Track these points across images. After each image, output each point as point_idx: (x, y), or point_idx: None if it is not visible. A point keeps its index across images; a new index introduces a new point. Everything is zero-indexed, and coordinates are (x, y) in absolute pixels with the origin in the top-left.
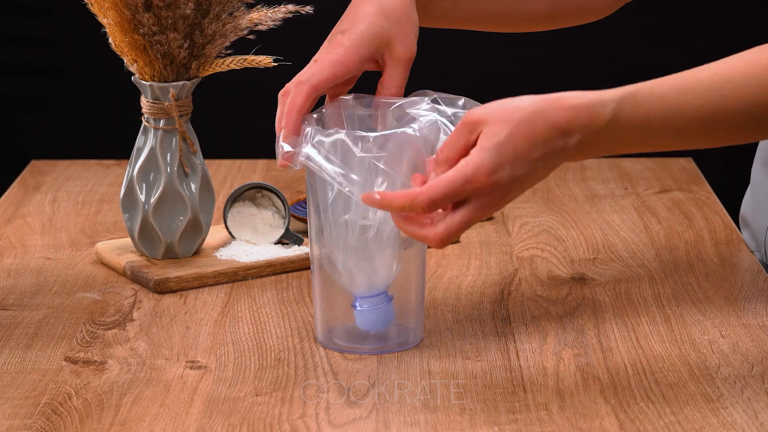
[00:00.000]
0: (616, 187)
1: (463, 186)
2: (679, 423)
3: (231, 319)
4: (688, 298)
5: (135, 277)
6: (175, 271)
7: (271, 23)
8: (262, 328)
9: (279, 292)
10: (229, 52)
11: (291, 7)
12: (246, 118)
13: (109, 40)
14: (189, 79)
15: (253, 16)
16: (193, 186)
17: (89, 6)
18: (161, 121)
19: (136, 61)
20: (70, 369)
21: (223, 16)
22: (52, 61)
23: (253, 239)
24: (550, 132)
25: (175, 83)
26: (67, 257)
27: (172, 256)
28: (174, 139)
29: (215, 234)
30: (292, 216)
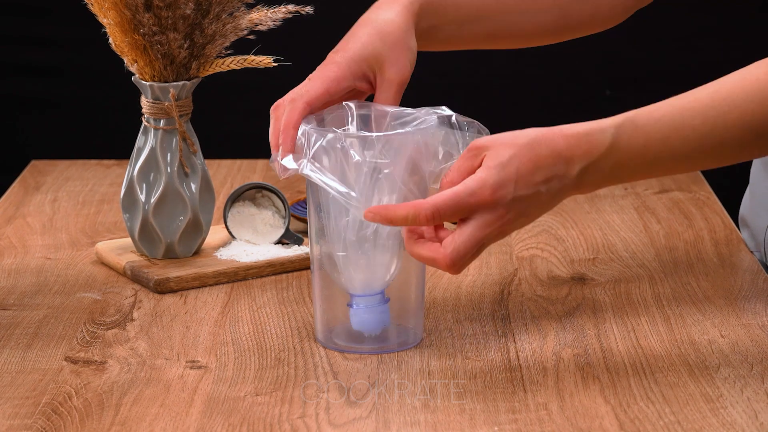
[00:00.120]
0: (616, 187)
1: (468, 198)
2: (678, 423)
3: (231, 319)
4: (688, 298)
5: (135, 277)
6: (175, 271)
7: (271, 23)
8: (262, 328)
9: (279, 292)
10: (229, 52)
11: (291, 7)
12: (246, 118)
13: (110, 40)
14: (189, 79)
15: (253, 16)
16: (193, 186)
17: (89, 6)
18: (161, 121)
19: (137, 61)
20: (70, 369)
21: (223, 17)
22: (52, 61)
23: (253, 239)
24: (551, 158)
25: (175, 83)
26: (67, 257)
27: (172, 256)
28: (174, 139)
29: (215, 234)
30: (292, 216)
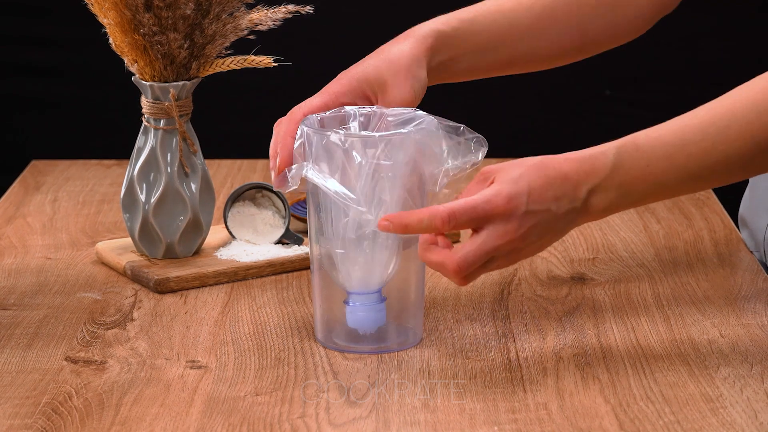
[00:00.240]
0: None
1: (483, 205)
2: (678, 422)
3: (231, 318)
4: (688, 297)
5: (135, 276)
6: (175, 271)
7: (271, 23)
8: (262, 328)
9: (279, 292)
10: (229, 52)
11: (291, 7)
12: (246, 118)
13: (110, 41)
14: (189, 79)
15: (253, 16)
16: (193, 186)
17: (89, 6)
18: (161, 121)
19: (137, 62)
20: (70, 369)
21: (223, 17)
22: (52, 61)
23: (253, 239)
24: (559, 178)
25: (175, 83)
26: (67, 257)
27: (172, 255)
28: (174, 139)
29: (215, 234)
30: (292, 216)
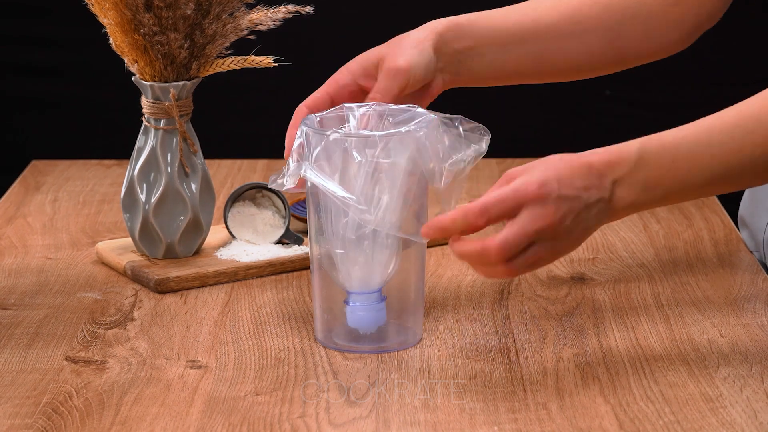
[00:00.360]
0: None
1: (514, 194)
2: (678, 422)
3: (231, 318)
4: (687, 297)
5: (135, 276)
6: (175, 271)
7: (271, 23)
8: (262, 328)
9: (279, 292)
10: (229, 52)
11: (291, 7)
12: (246, 118)
13: (110, 41)
14: (189, 80)
15: (254, 16)
16: (193, 186)
17: (90, 6)
18: (162, 121)
19: (137, 62)
20: (70, 368)
21: (223, 17)
22: (52, 61)
23: (253, 239)
24: (585, 168)
25: (175, 83)
26: (67, 257)
27: (172, 255)
28: (174, 139)
29: (215, 234)
30: (292, 216)
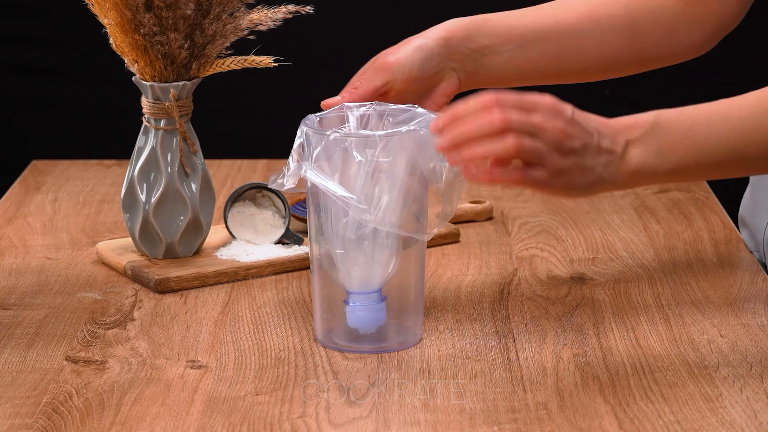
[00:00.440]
0: None
1: (531, 96)
2: (678, 422)
3: (231, 318)
4: (687, 297)
5: (136, 276)
6: (175, 271)
7: (272, 23)
8: (262, 328)
9: (279, 291)
10: (229, 52)
11: (291, 7)
12: (246, 118)
13: (110, 41)
14: (189, 80)
15: (254, 16)
16: (193, 186)
17: (90, 6)
18: (162, 121)
19: (137, 62)
20: (71, 368)
21: (223, 17)
22: (52, 61)
23: (253, 239)
24: (602, 120)
25: (175, 83)
26: (67, 257)
27: (172, 255)
28: (174, 139)
29: (216, 234)
30: (292, 216)
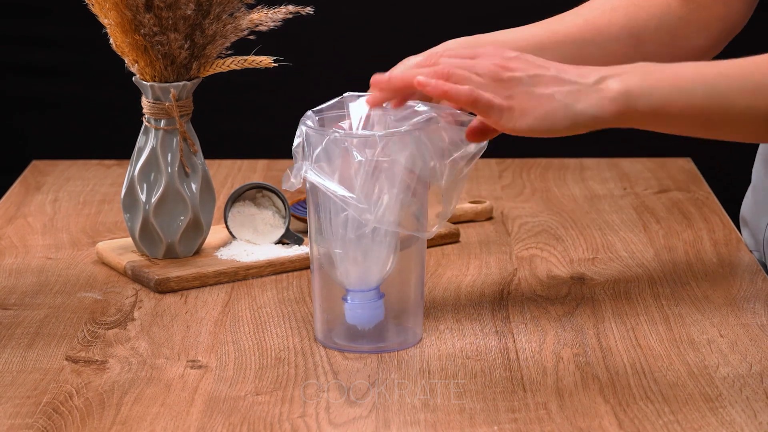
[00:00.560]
0: (615, 187)
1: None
2: (678, 422)
3: (231, 318)
4: (687, 297)
5: (136, 276)
6: (175, 271)
7: (272, 24)
8: (262, 328)
9: (279, 291)
10: (229, 52)
11: (291, 7)
12: (246, 118)
13: (110, 41)
14: (190, 80)
15: (254, 16)
16: (193, 186)
17: (90, 6)
18: (162, 121)
19: (137, 62)
20: (71, 368)
21: (223, 17)
22: (52, 61)
23: (253, 239)
24: (573, 66)
25: (175, 83)
26: (68, 257)
27: (172, 255)
28: (175, 139)
29: (216, 234)
30: (292, 216)
